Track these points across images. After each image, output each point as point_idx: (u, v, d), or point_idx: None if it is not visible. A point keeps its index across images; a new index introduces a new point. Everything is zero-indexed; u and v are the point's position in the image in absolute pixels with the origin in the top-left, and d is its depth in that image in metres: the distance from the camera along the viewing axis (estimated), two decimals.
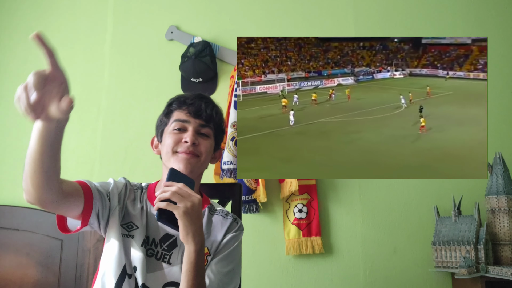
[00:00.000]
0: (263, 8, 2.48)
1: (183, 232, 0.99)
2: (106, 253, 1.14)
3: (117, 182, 1.21)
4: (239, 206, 1.42)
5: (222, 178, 2.12)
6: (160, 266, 1.12)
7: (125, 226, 1.15)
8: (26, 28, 2.51)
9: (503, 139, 2.32)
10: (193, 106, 1.21)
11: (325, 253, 2.20)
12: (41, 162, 0.91)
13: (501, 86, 2.40)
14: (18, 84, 0.83)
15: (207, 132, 1.21)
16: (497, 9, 2.49)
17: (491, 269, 1.89)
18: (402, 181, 2.28)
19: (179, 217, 0.98)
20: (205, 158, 1.20)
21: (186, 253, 1.01)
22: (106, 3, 2.52)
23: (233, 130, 2.15)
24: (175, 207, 0.98)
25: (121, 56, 2.47)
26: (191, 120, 1.20)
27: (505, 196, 2.01)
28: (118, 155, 2.35)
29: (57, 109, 0.82)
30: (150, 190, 1.24)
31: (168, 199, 0.98)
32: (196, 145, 1.17)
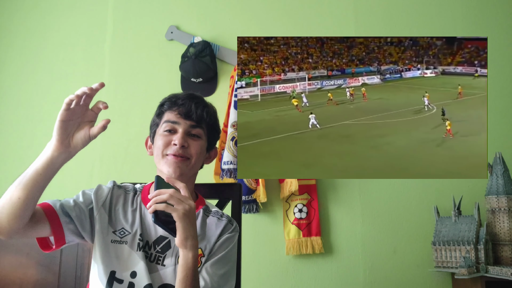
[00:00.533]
0: (263, 8, 2.48)
1: (182, 235, 0.98)
2: (94, 260, 1.13)
3: (100, 191, 1.18)
4: (239, 206, 1.42)
5: (222, 178, 2.12)
6: (155, 268, 1.12)
7: (117, 232, 1.14)
8: (26, 28, 2.51)
9: (503, 139, 2.32)
10: (184, 106, 1.19)
11: (325, 253, 2.20)
12: (32, 190, 0.97)
13: (501, 86, 2.40)
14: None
15: (198, 133, 1.20)
16: (497, 9, 2.49)
17: (491, 269, 1.89)
18: (402, 181, 2.28)
19: (178, 219, 0.97)
20: (196, 160, 1.18)
21: (183, 259, 1.00)
22: (106, 3, 2.52)
23: (233, 130, 2.15)
24: (174, 209, 0.97)
25: (121, 56, 2.47)
26: (181, 121, 1.18)
27: (505, 196, 2.01)
28: (118, 155, 2.35)
29: (84, 136, 0.98)
30: (144, 192, 1.22)
31: (165, 201, 0.97)
32: (185, 148, 1.16)
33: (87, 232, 1.12)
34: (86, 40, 2.49)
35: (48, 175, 0.99)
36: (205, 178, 2.18)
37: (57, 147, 0.97)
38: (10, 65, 2.47)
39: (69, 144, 0.98)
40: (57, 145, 0.97)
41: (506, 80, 2.42)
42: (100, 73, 2.44)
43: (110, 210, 1.16)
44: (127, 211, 1.17)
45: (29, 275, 2.11)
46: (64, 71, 2.45)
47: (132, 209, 1.18)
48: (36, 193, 0.99)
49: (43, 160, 0.98)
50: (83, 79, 2.42)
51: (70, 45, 2.48)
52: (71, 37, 2.50)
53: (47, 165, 0.98)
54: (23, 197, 0.97)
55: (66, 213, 1.09)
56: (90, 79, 2.43)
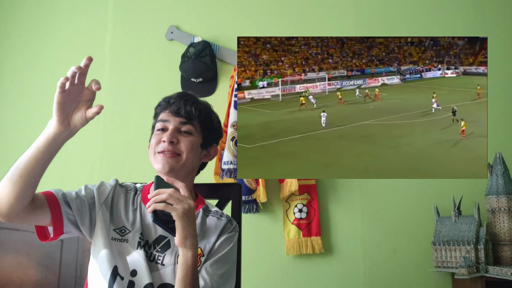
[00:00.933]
0: (263, 8, 2.48)
1: (181, 234, 0.98)
2: (94, 257, 1.13)
3: (103, 188, 1.19)
4: (239, 206, 1.42)
5: (222, 178, 2.12)
6: (155, 267, 1.12)
7: (118, 230, 1.14)
8: (26, 28, 2.51)
9: (503, 139, 2.32)
10: (174, 105, 1.21)
11: (325, 253, 2.20)
12: (34, 168, 0.98)
13: (501, 86, 2.40)
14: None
15: (189, 129, 1.20)
16: (497, 9, 2.49)
17: (491, 269, 1.89)
18: (402, 181, 2.28)
19: (178, 218, 0.97)
20: (188, 156, 1.18)
21: (183, 259, 1.00)
22: (106, 3, 2.52)
23: (233, 130, 2.15)
24: (173, 209, 0.97)
25: (121, 56, 2.47)
26: (171, 119, 1.20)
27: (505, 196, 2.01)
28: (118, 155, 2.35)
29: (81, 118, 0.98)
30: (144, 192, 1.23)
31: (164, 200, 0.98)
32: (174, 144, 1.17)
33: (85, 226, 1.13)
34: (86, 40, 2.49)
35: (50, 153, 1.00)
36: (205, 178, 2.18)
37: (57, 126, 0.98)
38: (10, 65, 2.47)
39: (68, 123, 0.99)
40: (57, 125, 0.98)
41: (506, 80, 2.41)
42: (100, 73, 2.44)
43: (111, 207, 1.17)
44: (128, 210, 1.18)
45: (29, 275, 2.11)
46: (64, 71, 2.43)
47: (133, 209, 1.18)
48: (37, 171, 0.99)
49: (44, 138, 1.00)
50: None
51: (70, 45, 2.48)
52: (71, 37, 2.49)
53: (49, 143, 0.99)
54: (25, 175, 0.98)
55: (67, 203, 1.10)
56: (90, 79, 2.42)
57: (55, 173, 2.28)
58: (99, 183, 1.21)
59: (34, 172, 0.99)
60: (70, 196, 1.12)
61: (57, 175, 2.29)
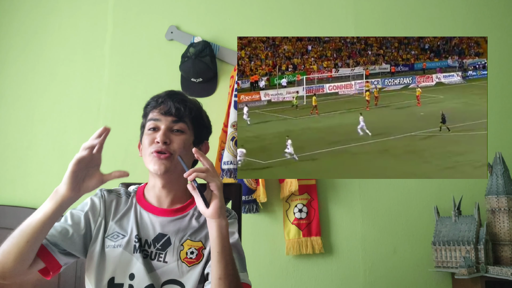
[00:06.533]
0: (263, 8, 2.48)
1: (217, 204, 1.03)
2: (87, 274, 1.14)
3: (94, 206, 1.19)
4: (239, 206, 1.43)
5: (222, 178, 2.12)
6: (156, 266, 1.13)
7: (110, 237, 1.15)
8: (26, 28, 2.51)
9: (503, 139, 2.32)
10: (164, 104, 1.22)
11: (325, 253, 2.20)
12: (41, 233, 1.01)
13: (501, 86, 2.40)
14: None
15: (181, 128, 1.20)
16: (497, 9, 2.49)
17: (491, 269, 1.89)
18: (402, 181, 2.28)
19: (216, 189, 1.03)
20: (182, 154, 1.18)
21: (218, 230, 1.03)
22: (106, 3, 2.52)
23: (233, 130, 2.15)
24: (213, 180, 1.03)
25: (121, 56, 2.47)
26: (162, 118, 1.20)
27: (505, 196, 2.01)
28: (118, 155, 2.35)
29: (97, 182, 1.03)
30: (139, 193, 1.24)
31: (204, 172, 1.03)
32: (168, 144, 1.17)
33: (78, 251, 1.13)
34: (86, 40, 2.49)
35: (56, 218, 1.03)
36: None
37: (68, 193, 1.01)
38: (10, 65, 2.47)
39: (79, 189, 1.02)
40: (68, 192, 1.01)
41: (506, 80, 2.42)
42: (100, 73, 2.44)
43: (105, 217, 1.18)
44: (120, 214, 1.19)
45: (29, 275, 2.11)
46: (64, 71, 2.45)
47: (126, 211, 1.19)
48: (43, 235, 1.03)
49: (53, 204, 1.01)
50: (83, 79, 2.42)
51: (70, 45, 2.48)
52: (71, 37, 2.49)
53: (57, 209, 1.01)
54: (32, 240, 1.00)
55: (54, 243, 1.10)
56: (90, 79, 2.43)
57: (55, 173, 2.29)
58: (86, 201, 1.20)
59: (40, 237, 1.02)
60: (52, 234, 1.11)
61: (57, 176, 2.29)
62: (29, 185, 2.29)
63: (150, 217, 1.18)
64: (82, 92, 2.39)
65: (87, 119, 2.38)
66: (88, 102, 2.39)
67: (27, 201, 2.24)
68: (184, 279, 1.12)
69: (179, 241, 1.15)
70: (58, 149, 2.34)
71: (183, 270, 1.12)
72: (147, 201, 1.21)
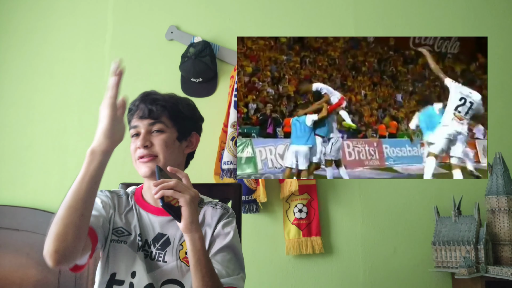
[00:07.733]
0: (263, 8, 2.48)
1: (188, 219, 1.00)
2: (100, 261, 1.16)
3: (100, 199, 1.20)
4: (239, 206, 1.43)
5: (222, 178, 2.12)
6: (156, 265, 1.13)
7: (115, 231, 1.17)
8: (26, 28, 2.51)
9: (503, 139, 2.32)
10: (138, 108, 1.21)
11: (325, 253, 2.20)
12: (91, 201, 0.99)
13: (501, 86, 2.40)
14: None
15: (159, 128, 1.19)
16: (497, 9, 2.49)
17: (491, 269, 1.89)
18: (402, 181, 2.28)
19: (185, 204, 1.00)
20: (165, 155, 1.18)
21: (191, 244, 1.01)
22: (106, 3, 2.52)
23: (233, 130, 2.15)
24: (181, 195, 1.00)
25: (121, 56, 2.45)
26: (139, 123, 1.20)
27: (505, 196, 2.01)
28: (118, 155, 2.33)
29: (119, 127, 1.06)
30: (137, 194, 1.25)
31: (172, 188, 1.00)
32: (148, 147, 1.17)
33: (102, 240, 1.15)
34: (86, 40, 2.49)
35: (99, 180, 1.02)
36: (205, 178, 2.19)
37: (107, 145, 1.02)
38: (10, 65, 2.47)
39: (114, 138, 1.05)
40: (107, 143, 1.02)
41: (506, 80, 2.42)
42: (100, 73, 2.43)
43: (114, 210, 1.20)
44: (122, 213, 1.20)
45: (29, 275, 2.11)
46: (64, 71, 2.45)
47: (127, 211, 1.21)
48: (92, 203, 1.02)
49: (96, 165, 1.00)
50: (83, 79, 2.42)
51: (70, 45, 2.48)
52: (71, 37, 2.49)
53: (99, 169, 1.01)
54: (87, 213, 0.99)
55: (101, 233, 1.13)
56: (90, 79, 2.42)
57: (56, 173, 2.29)
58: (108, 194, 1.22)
59: (90, 207, 1.00)
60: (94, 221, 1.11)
61: (57, 176, 2.29)
62: (29, 185, 2.29)
63: (149, 217, 1.19)
64: (82, 92, 2.39)
65: (87, 119, 2.38)
66: (88, 102, 2.39)
67: (27, 201, 2.24)
68: (184, 279, 1.12)
69: (178, 240, 1.16)
70: (58, 149, 2.34)
71: (183, 270, 1.13)
72: (145, 201, 1.22)
